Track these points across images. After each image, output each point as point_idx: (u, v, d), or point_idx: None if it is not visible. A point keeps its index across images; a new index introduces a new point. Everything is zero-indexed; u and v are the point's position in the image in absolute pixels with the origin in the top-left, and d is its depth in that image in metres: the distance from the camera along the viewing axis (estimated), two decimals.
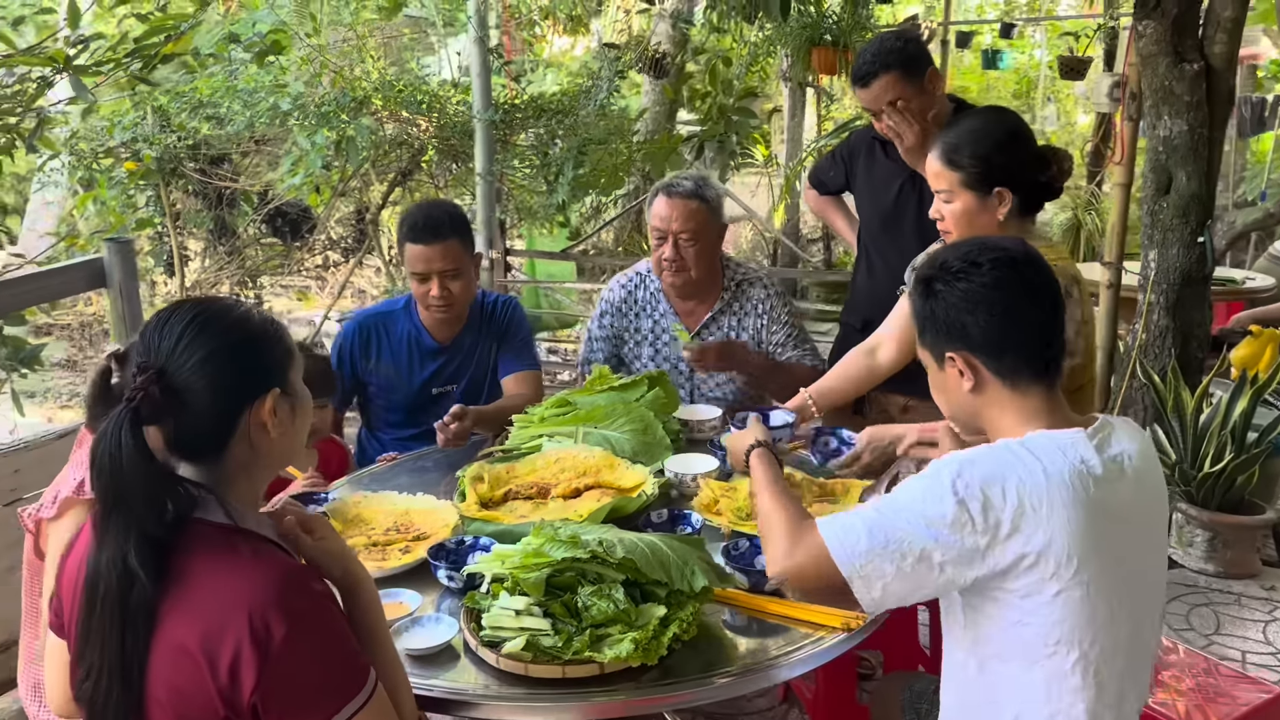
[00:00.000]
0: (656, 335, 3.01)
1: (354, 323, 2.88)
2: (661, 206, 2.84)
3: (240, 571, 1.34)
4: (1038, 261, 1.62)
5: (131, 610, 1.30)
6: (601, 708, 1.66)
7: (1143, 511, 1.58)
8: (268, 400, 1.41)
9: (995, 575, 1.49)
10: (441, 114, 4.76)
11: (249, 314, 1.45)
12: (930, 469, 1.54)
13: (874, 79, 2.77)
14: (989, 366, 1.58)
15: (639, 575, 1.70)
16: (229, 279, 6.79)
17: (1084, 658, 1.50)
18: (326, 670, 1.34)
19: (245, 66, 5.18)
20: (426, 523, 2.15)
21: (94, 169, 5.73)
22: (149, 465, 1.31)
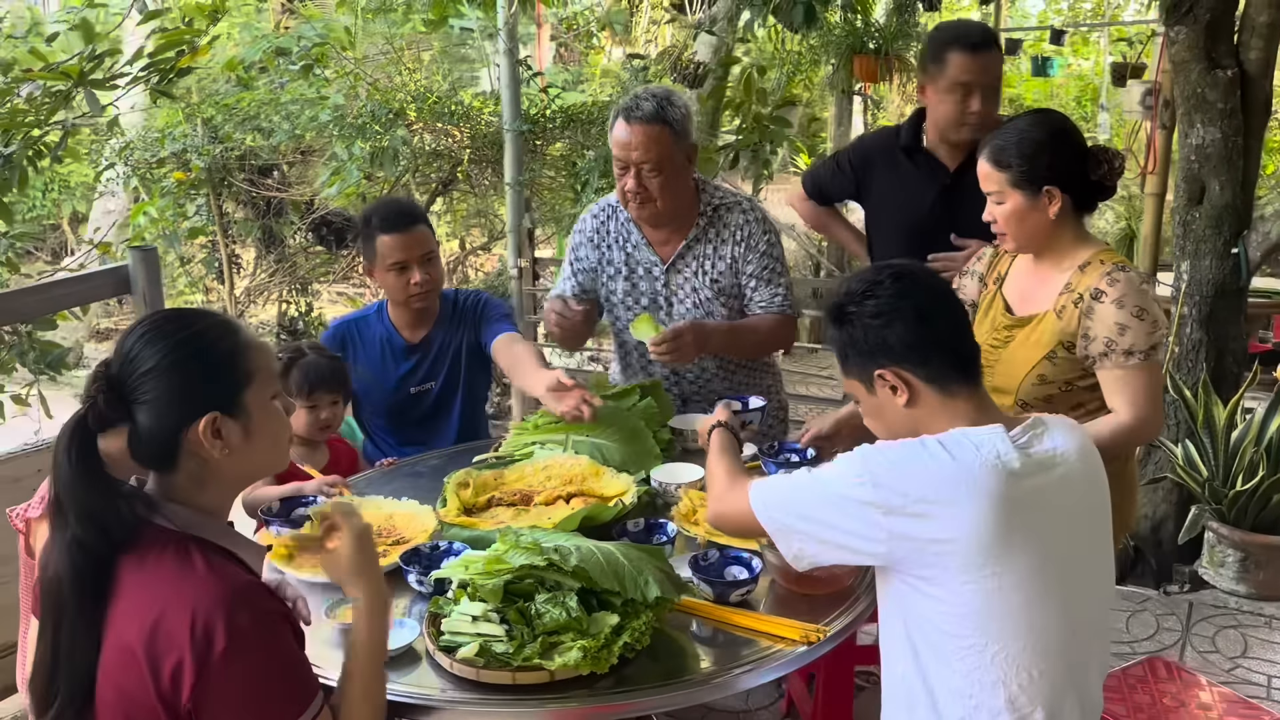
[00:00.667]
0: (631, 269, 2.78)
1: (332, 330, 2.94)
2: (621, 133, 2.57)
3: (189, 580, 1.36)
4: (929, 271, 1.74)
5: (73, 610, 1.34)
6: (552, 714, 1.67)
7: (1072, 509, 1.58)
8: (201, 423, 1.40)
9: (903, 560, 1.54)
10: (474, 125, 4.82)
11: (203, 332, 1.44)
12: (854, 450, 1.60)
13: (987, 50, 2.73)
14: (918, 375, 1.62)
15: (591, 584, 1.71)
16: (279, 285, 6.95)
17: (1004, 651, 1.50)
18: (264, 690, 1.35)
19: (294, 79, 5.32)
20: (408, 528, 2.18)
21: (148, 179, 5.92)
22: (90, 474, 1.34)
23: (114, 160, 5.61)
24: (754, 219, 2.74)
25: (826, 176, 3.24)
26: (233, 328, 1.49)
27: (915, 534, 1.50)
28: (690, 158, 2.66)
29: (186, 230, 6.16)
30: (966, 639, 1.52)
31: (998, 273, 2.38)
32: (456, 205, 6.34)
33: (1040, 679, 1.52)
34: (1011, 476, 1.50)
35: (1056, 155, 2.13)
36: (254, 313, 7.11)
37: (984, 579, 1.48)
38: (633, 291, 2.81)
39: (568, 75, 8.41)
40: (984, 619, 1.50)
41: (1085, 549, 1.61)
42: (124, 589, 1.36)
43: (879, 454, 1.56)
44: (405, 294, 2.79)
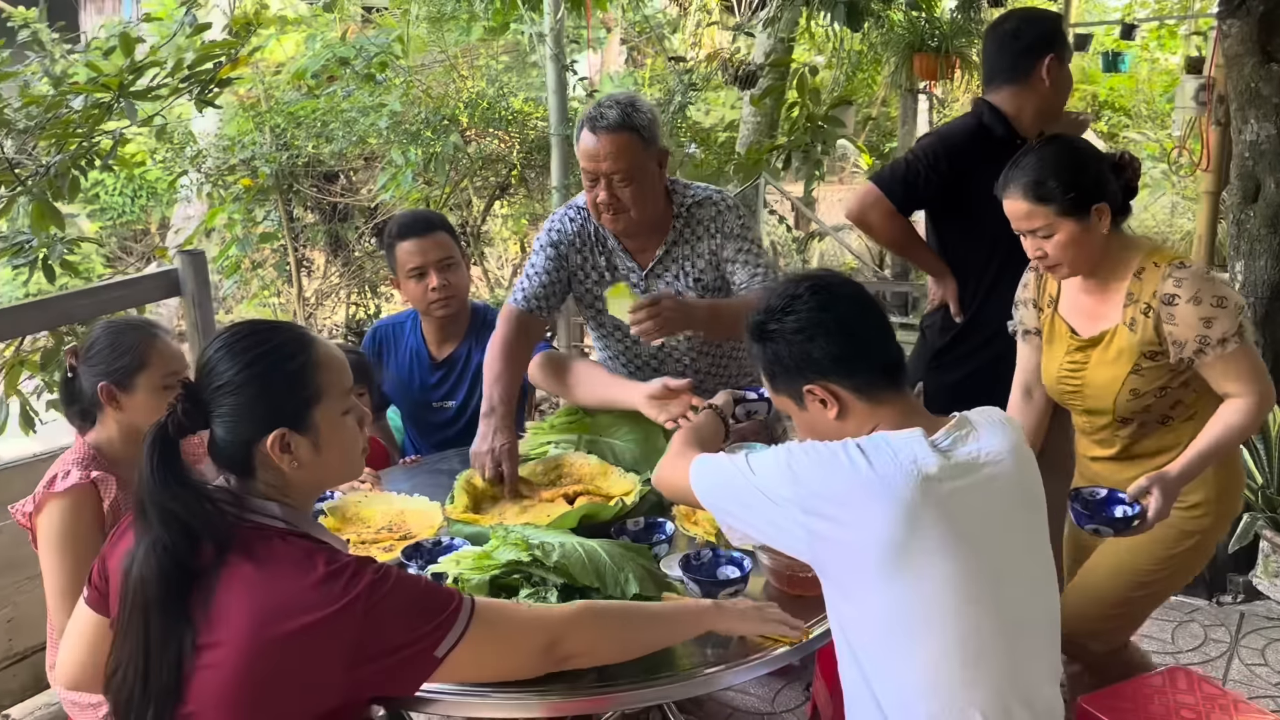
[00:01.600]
0: (612, 275, 2.66)
1: (372, 330, 3.03)
2: (588, 143, 2.46)
3: (305, 561, 1.41)
4: (844, 277, 1.74)
5: (159, 612, 1.39)
6: (533, 706, 1.71)
7: (1003, 510, 1.57)
8: (270, 439, 1.45)
9: (826, 562, 1.55)
10: (523, 130, 4.90)
11: (276, 348, 1.48)
12: (781, 448, 1.61)
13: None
14: (845, 387, 1.63)
15: (572, 579, 1.75)
16: (346, 288, 7.15)
17: (932, 656, 1.49)
18: (413, 614, 1.43)
19: (359, 86, 5.48)
20: (417, 524, 2.24)
21: (218, 185, 6.15)
22: (171, 479, 1.40)
23: (186, 168, 5.83)
24: (724, 207, 2.63)
25: (915, 178, 2.83)
26: (306, 343, 1.51)
27: (830, 536, 1.51)
28: (661, 163, 2.56)
29: (258, 235, 6.38)
30: (894, 644, 1.51)
31: (1049, 295, 2.32)
32: (517, 209, 6.45)
33: (975, 684, 1.50)
34: (926, 481, 1.49)
35: (1094, 172, 2.11)
36: (324, 315, 7.32)
37: (903, 584, 1.48)
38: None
39: (636, 79, 8.47)
40: (908, 624, 1.49)
41: (1020, 549, 1.59)
42: (233, 585, 1.40)
43: (804, 453, 1.57)
44: (425, 301, 2.82)
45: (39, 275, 3.31)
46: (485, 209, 6.00)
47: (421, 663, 1.44)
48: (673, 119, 5.00)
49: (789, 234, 6.49)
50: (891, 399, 1.63)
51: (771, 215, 5.56)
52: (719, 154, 5.66)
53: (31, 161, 2.98)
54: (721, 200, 2.64)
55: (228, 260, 6.32)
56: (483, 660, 1.51)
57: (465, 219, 6.30)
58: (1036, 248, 2.16)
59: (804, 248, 6.09)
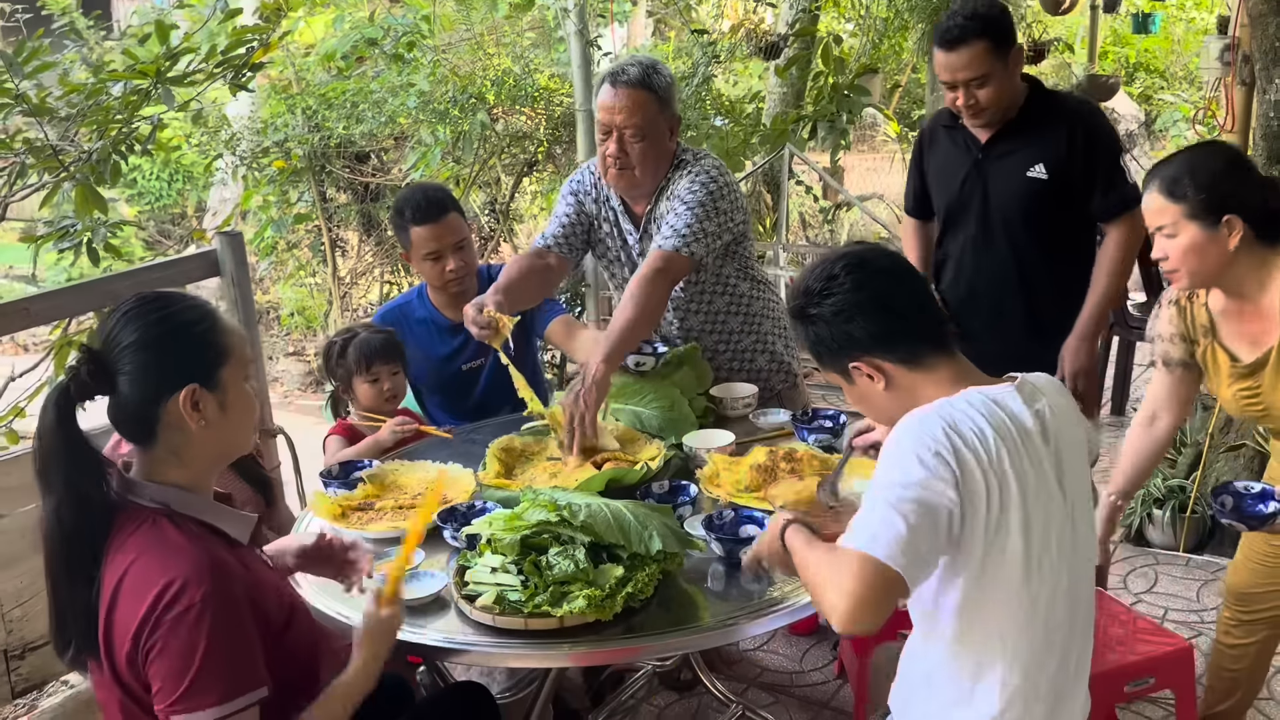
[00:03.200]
0: (619, 233, 2.82)
1: (377, 318, 3.08)
2: (606, 96, 2.58)
3: (158, 552, 1.49)
4: (880, 249, 1.73)
5: (63, 567, 1.50)
6: (561, 657, 1.81)
7: (1067, 465, 1.61)
8: (183, 394, 1.53)
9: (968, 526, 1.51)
10: (549, 106, 4.95)
11: (181, 310, 1.57)
12: (887, 444, 1.56)
13: (963, 44, 2.64)
14: (890, 360, 1.63)
15: (598, 538, 1.83)
16: (380, 266, 7.25)
17: (1024, 605, 1.55)
18: (198, 662, 1.44)
19: (388, 67, 5.55)
20: (452, 489, 2.33)
21: (254, 168, 6.26)
22: (69, 442, 1.49)
23: (221, 151, 5.94)
24: (688, 172, 2.67)
25: (910, 183, 3.17)
26: (209, 309, 1.61)
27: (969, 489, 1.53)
28: (672, 129, 2.67)
29: (293, 216, 6.49)
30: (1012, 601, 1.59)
31: (1202, 326, 2.21)
32: (545, 185, 6.50)
33: (1041, 636, 1.60)
34: (1027, 435, 1.55)
35: (1235, 182, 2.05)
36: (359, 294, 7.44)
37: (1002, 535, 1.54)
38: (620, 254, 2.86)
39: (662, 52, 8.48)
40: (993, 577, 1.57)
41: (1071, 502, 1.63)
42: (109, 558, 1.51)
43: (926, 421, 1.53)
44: (441, 280, 2.92)
45: (83, 259, 3.43)
46: (514, 186, 6.06)
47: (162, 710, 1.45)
48: (696, 91, 5.03)
49: (817, 204, 6.51)
50: (941, 364, 1.63)
51: (799, 186, 5.59)
52: (745, 125, 5.68)
53: (74, 148, 3.08)
54: (695, 166, 2.68)
55: (263, 242, 6.44)
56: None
57: (494, 196, 6.37)
58: (1160, 249, 2.09)
59: (832, 218, 6.11)
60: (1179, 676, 2.36)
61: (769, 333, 2.95)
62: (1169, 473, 3.92)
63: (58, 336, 3.63)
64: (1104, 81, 6.96)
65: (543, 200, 6.72)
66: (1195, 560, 3.67)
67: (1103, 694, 2.24)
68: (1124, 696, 2.35)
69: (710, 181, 2.66)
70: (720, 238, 2.70)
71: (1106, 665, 2.28)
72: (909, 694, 1.71)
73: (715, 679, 2.85)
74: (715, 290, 2.85)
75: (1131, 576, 3.62)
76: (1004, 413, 1.55)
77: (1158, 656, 2.33)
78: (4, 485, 2.89)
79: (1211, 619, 3.31)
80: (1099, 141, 2.80)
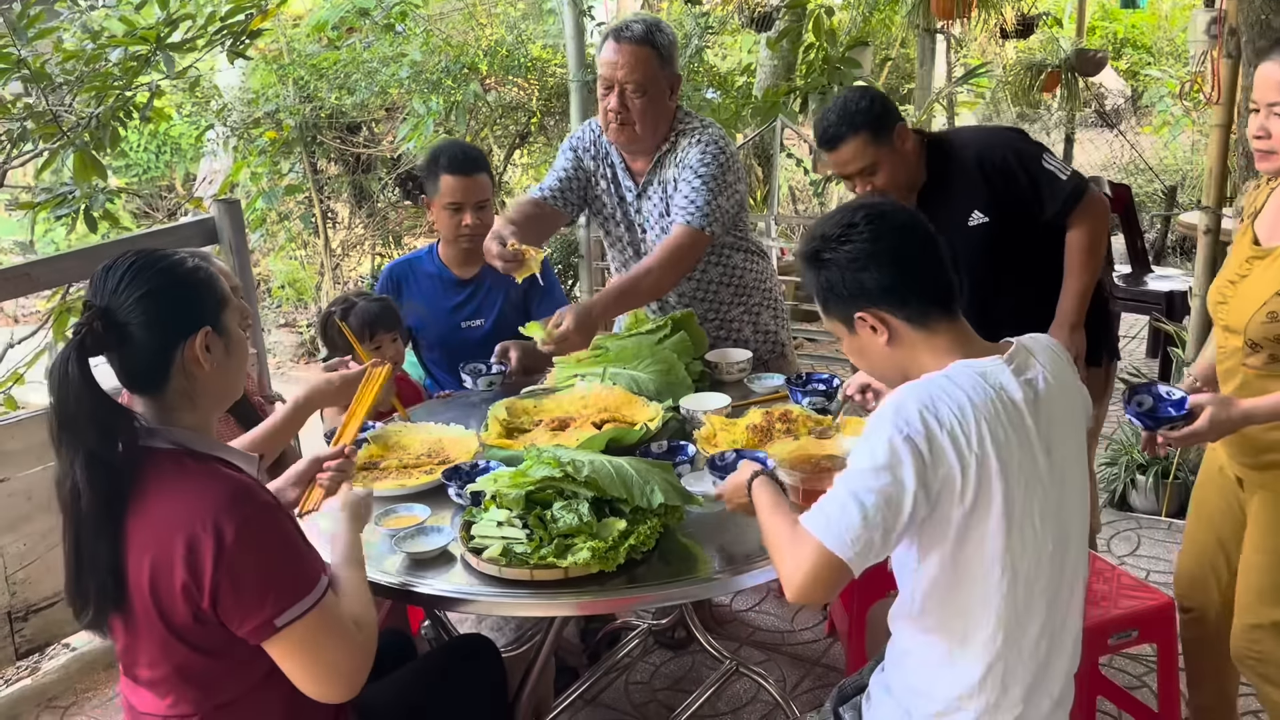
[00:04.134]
0: (615, 189, 2.90)
1: (387, 270, 3.17)
2: (609, 52, 2.65)
3: (192, 487, 1.56)
4: (900, 206, 1.74)
5: (97, 512, 1.53)
6: (566, 606, 1.87)
7: (1058, 432, 1.65)
8: (198, 337, 1.61)
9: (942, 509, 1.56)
10: (541, 77, 4.96)
11: (183, 261, 1.65)
12: (868, 425, 1.60)
13: (841, 141, 2.64)
14: (897, 315, 1.66)
15: (601, 492, 1.88)
16: (371, 238, 7.26)
17: (1006, 574, 1.59)
18: (273, 571, 1.55)
19: (380, 37, 5.55)
20: (454, 449, 2.39)
21: (245, 138, 6.25)
22: (93, 392, 1.53)
23: (212, 121, 5.93)
24: (697, 140, 2.74)
25: None
26: (204, 256, 1.70)
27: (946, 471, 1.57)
28: (673, 88, 2.74)
29: (284, 188, 6.49)
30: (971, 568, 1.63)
31: (1254, 206, 2.20)
32: (537, 157, 6.51)
33: (1033, 601, 1.65)
34: (1014, 407, 1.59)
35: None
36: (349, 266, 7.44)
37: (983, 509, 1.58)
38: (616, 210, 2.94)
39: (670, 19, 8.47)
40: (985, 548, 1.62)
41: (1065, 468, 1.67)
42: (133, 503, 1.55)
43: (903, 406, 1.56)
44: (455, 233, 3.00)
45: (81, 227, 3.45)
46: (506, 157, 6.08)
47: (260, 620, 1.55)
48: (689, 63, 5.05)
49: (807, 176, 6.54)
50: (944, 327, 1.66)
51: (790, 159, 5.62)
52: (736, 98, 5.70)
53: (72, 114, 3.10)
54: (702, 132, 2.76)
55: (254, 213, 6.44)
56: (308, 650, 1.58)
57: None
58: (1261, 125, 2.03)
59: (821, 190, 6.16)
60: (1161, 631, 2.43)
61: (758, 304, 3.01)
62: None
63: (56, 304, 3.65)
64: (1091, 56, 7.00)
65: (535, 172, 6.74)
66: (1177, 524, 3.75)
67: (1087, 647, 2.31)
68: (1108, 649, 2.42)
69: (719, 153, 2.73)
70: (730, 211, 2.77)
71: (1091, 619, 2.34)
72: (899, 657, 1.76)
73: (709, 637, 2.92)
74: (710, 259, 2.90)
75: (1115, 540, 3.70)
76: (990, 386, 1.58)
77: (1140, 611, 2.40)
78: (6, 450, 2.93)
79: None
80: (1014, 163, 2.71)
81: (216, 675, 1.62)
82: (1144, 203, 8.04)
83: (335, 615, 1.60)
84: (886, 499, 1.51)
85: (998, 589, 1.60)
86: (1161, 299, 4.86)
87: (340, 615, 1.62)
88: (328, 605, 1.59)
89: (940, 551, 1.60)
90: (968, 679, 1.65)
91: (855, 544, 1.51)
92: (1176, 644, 2.48)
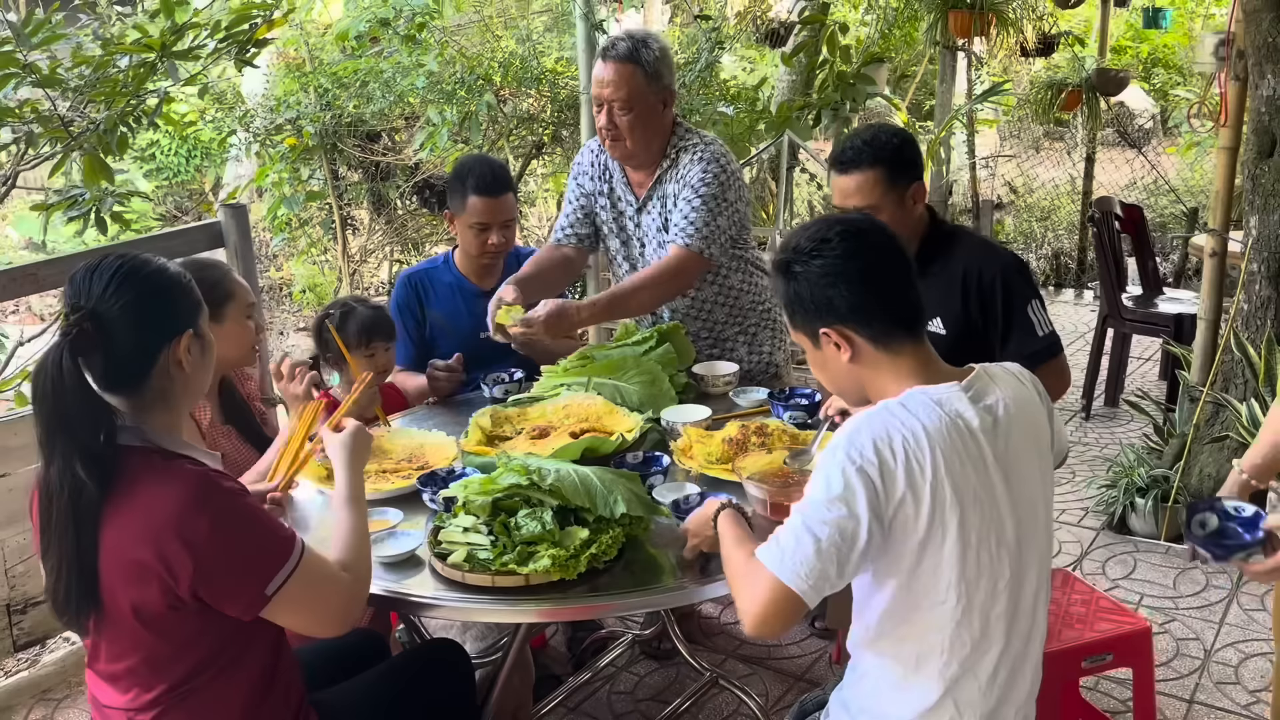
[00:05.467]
0: (613, 204, 2.95)
1: (402, 279, 3.16)
2: (597, 69, 2.71)
3: (162, 484, 1.61)
4: (881, 227, 1.72)
5: (81, 512, 1.58)
6: (526, 613, 1.90)
7: (1017, 459, 1.64)
8: (183, 340, 1.68)
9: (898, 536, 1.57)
10: (554, 89, 5.01)
11: (166, 267, 1.71)
12: (827, 454, 1.61)
13: (855, 168, 2.43)
14: (861, 334, 1.66)
15: (565, 500, 1.91)
16: (389, 245, 7.33)
17: (961, 602, 1.59)
18: (251, 550, 1.62)
19: (400, 48, 5.62)
20: (434, 456, 2.42)
21: (266, 145, 6.34)
22: (86, 390, 1.58)
23: (234, 127, 6.03)
24: (698, 157, 2.76)
25: None
26: (177, 266, 1.75)
27: (900, 500, 1.58)
28: (666, 102, 2.76)
29: (305, 194, 6.58)
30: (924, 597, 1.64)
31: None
32: (552, 168, 6.56)
33: (992, 629, 1.65)
34: (971, 435, 1.59)
35: None
36: (368, 272, 7.52)
37: (939, 537, 1.59)
38: (615, 223, 2.98)
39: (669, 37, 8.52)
40: (940, 577, 1.61)
41: (1026, 495, 1.66)
42: (110, 497, 1.60)
43: (857, 436, 1.57)
44: (480, 250, 3.01)
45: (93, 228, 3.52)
46: (522, 168, 6.13)
47: (251, 597, 1.63)
48: (701, 77, 5.07)
49: (820, 191, 6.55)
50: (908, 350, 1.66)
51: (803, 174, 5.63)
52: (750, 112, 5.73)
53: (83, 119, 3.17)
54: (704, 149, 2.78)
55: (277, 219, 6.53)
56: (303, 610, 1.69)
57: None
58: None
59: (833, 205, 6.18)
60: (1137, 655, 2.42)
61: (754, 325, 3.04)
62: (1154, 462, 3.96)
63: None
64: (1113, 75, 6.95)
65: (550, 182, 6.80)
66: (1175, 549, 3.72)
67: (1061, 669, 2.31)
68: (1081, 672, 2.41)
69: (721, 171, 2.76)
70: (728, 231, 2.80)
71: (1065, 642, 2.35)
72: (857, 678, 1.75)
73: (695, 650, 2.93)
74: (706, 278, 2.92)
75: (1110, 562, 3.68)
76: (946, 414, 1.58)
77: (1116, 635, 2.39)
78: (8, 445, 2.99)
79: (1186, 606, 3.37)
80: (998, 293, 2.45)
81: (182, 667, 1.66)
82: (1167, 224, 7.97)
83: (318, 569, 1.68)
84: (840, 530, 1.52)
85: (951, 616, 1.60)
86: (1171, 321, 4.82)
87: (323, 566, 1.70)
88: (309, 563, 1.67)
89: (895, 579, 1.60)
90: (922, 703, 1.65)
91: (809, 577, 1.53)
92: (1153, 669, 2.46)
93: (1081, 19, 9.38)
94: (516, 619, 1.92)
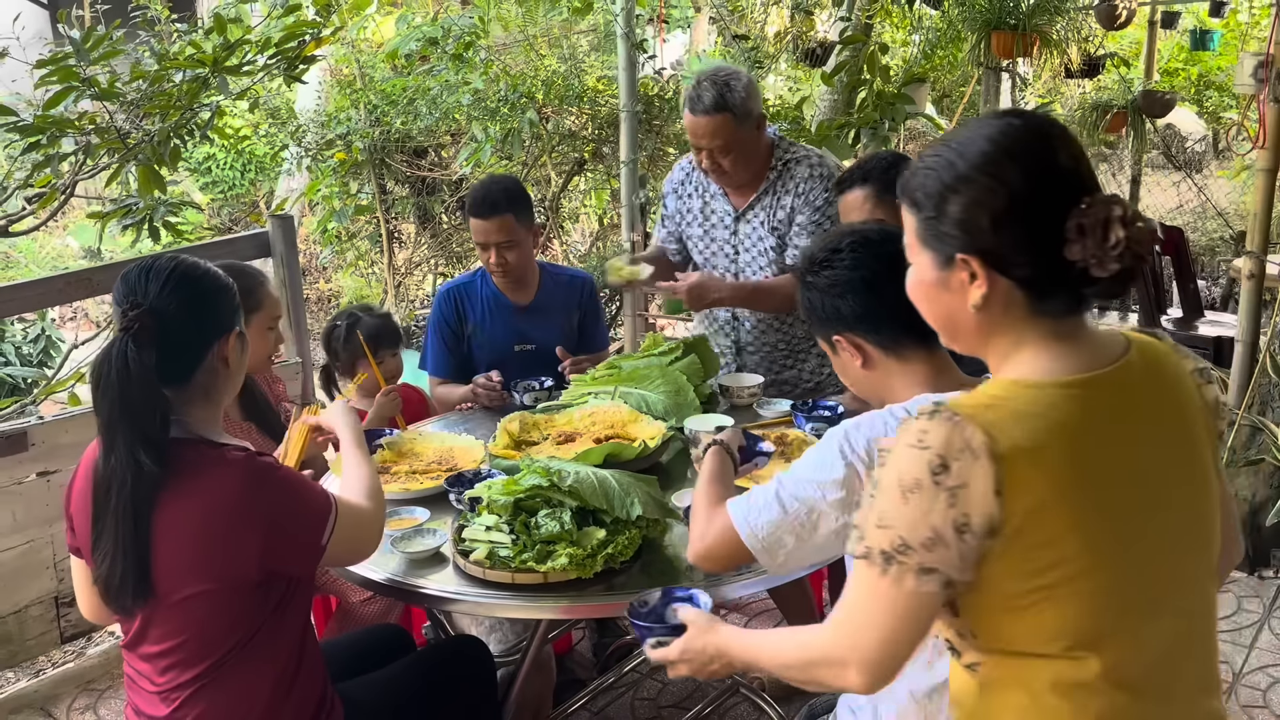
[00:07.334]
0: (706, 217, 3.05)
1: (442, 293, 3.23)
2: (688, 120, 2.80)
3: (218, 470, 1.70)
4: (893, 236, 1.70)
5: (140, 499, 1.66)
6: (545, 609, 1.96)
7: None
8: (230, 338, 1.80)
9: None
10: (594, 107, 5.10)
11: (217, 270, 1.82)
12: (824, 437, 1.66)
13: (849, 188, 2.50)
14: (871, 341, 1.71)
15: (584, 502, 1.97)
16: (434, 258, 7.47)
17: None
18: (303, 513, 1.74)
19: (448, 66, 5.76)
20: (462, 458, 2.49)
21: (318, 159, 6.51)
22: (148, 378, 1.66)
23: (286, 142, 6.20)
24: (818, 174, 2.87)
25: None
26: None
27: None
28: (759, 127, 2.85)
29: (353, 208, 6.73)
30: None
31: None
32: (594, 184, 6.66)
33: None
34: None
35: None
36: (413, 283, 7.66)
37: None
38: (704, 238, 3.07)
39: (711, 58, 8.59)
40: None
41: None
42: (167, 492, 1.67)
43: (854, 432, 1.62)
44: (489, 268, 3.11)
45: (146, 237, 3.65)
46: (564, 184, 6.23)
47: (312, 552, 1.76)
48: None
49: None
50: (920, 356, 1.69)
51: None
52: (791, 131, 5.78)
53: (139, 131, 3.30)
54: (820, 165, 2.89)
55: (327, 232, 6.69)
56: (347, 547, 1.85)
57: (545, 195, 6.55)
58: None
59: None
60: None
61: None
62: None
63: None
64: (1159, 97, 6.90)
65: (591, 198, 6.91)
66: None
67: None
68: None
69: (832, 198, 2.82)
70: None
71: None
72: None
73: None
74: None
75: None
76: None
77: None
78: (62, 442, 3.11)
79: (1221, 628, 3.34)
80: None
81: (225, 646, 1.73)
82: (1215, 248, 7.87)
83: (349, 509, 1.84)
84: (809, 509, 1.58)
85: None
86: (1210, 344, 4.78)
87: (351, 505, 1.86)
88: (343, 507, 1.81)
89: None
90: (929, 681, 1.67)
91: (766, 539, 1.61)
92: None
93: (1132, 40, 9.33)
94: (535, 615, 1.98)
